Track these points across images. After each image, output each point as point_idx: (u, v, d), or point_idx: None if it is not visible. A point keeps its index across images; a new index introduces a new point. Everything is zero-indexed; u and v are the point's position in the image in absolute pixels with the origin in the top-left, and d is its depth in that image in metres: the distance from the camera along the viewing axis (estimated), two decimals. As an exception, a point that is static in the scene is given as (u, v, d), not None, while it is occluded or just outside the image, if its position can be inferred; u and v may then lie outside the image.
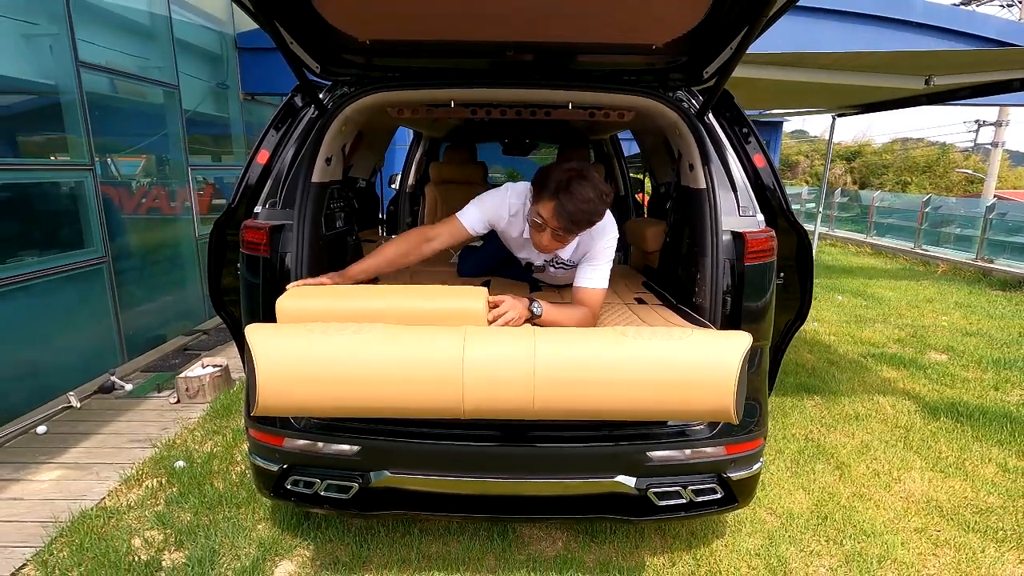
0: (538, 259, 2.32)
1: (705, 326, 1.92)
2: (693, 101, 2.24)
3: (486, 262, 2.78)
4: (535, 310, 1.84)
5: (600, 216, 1.93)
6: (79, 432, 3.18)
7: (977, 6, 18.81)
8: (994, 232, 8.83)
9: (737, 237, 1.95)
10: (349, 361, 1.37)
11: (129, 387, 3.77)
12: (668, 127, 2.32)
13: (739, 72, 2.97)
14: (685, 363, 1.38)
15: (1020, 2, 17.76)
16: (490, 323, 1.71)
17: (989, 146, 19.32)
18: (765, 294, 2.00)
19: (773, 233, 1.98)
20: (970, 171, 27.09)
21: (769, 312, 2.04)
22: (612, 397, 1.40)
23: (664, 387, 1.40)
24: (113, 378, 3.79)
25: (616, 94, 2.16)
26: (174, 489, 2.59)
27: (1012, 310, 6.34)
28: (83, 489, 2.63)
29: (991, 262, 8.44)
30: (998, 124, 18.27)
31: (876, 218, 12.18)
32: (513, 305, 1.79)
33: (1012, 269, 7.97)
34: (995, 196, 15.62)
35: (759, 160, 2.18)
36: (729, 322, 1.98)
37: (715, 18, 1.82)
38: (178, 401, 3.58)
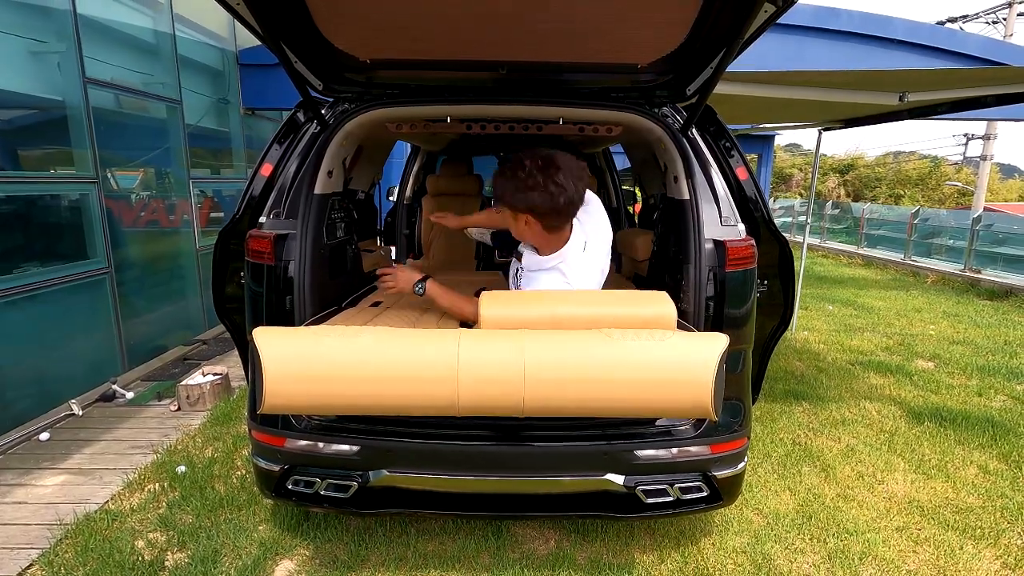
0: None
1: (688, 330, 2.01)
2: (677, 117, 2.35)
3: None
4: (416, 289, 2.15)
5: (501, 177, 1.88)
6: (81, 439, 3.23)
7: (964, 23, 19.20)
8: (981, 243, 8.99)
9: (719, 245, 2.05)
10: (351, 361, 1.45)
11: (130, 395, 3.83)
12: (654, 141, 2.43)
13: (723, 89, 3.10)
14: (666, 363, 1.47)
15: (1004, 19, 18.15)
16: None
17: (978, 159, 19.61)
18: (746, 300, 2.10)
19: (753, 242, 2.08)
20: (961, 184, 27.45)
21: (751, 317, 2.13)
22: (597, 395, 1.49)
23: (646, 385, 1.48)
24: (114, 386, 3.85)
25: (604, 110, 2.28)
26: (176, 493, 2.65)
27: (999, 319, 6.45)
28: (86, 493, 2.69)
29: (979, 272, 8.59)
30: (986, 138, 18.56)
31: (867, 230, 12.36)
32: (396, 276, 2.19)
33: (999, 279, 8.11)
34: (984, 208, 15.85)
35: (742, 173, 2.29)
36: (712, 326, 2.07)
37: (695, 40, 1.94)
38: (179, 408, 3.64)
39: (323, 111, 2.28)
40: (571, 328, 1.61)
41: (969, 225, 9.16)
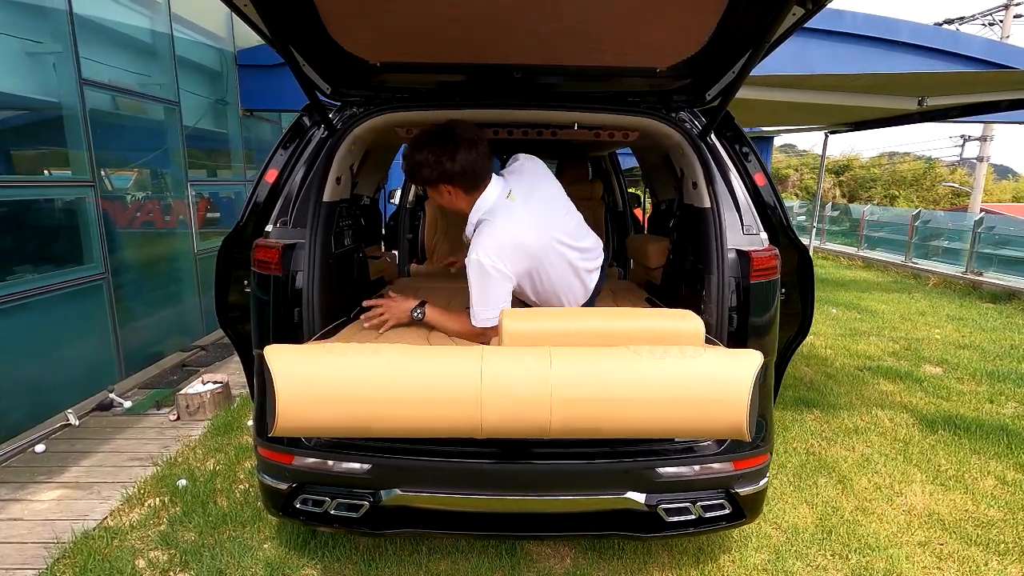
0: None
1: (712, 343, 1.95)
2: (695, 121, 2.29)
3: None
4: (415, 315, 2.11)
5: (411, 160, 2.01)
6: (78, 450, 3.15)
7: (960, 24, 19.27)
8: (982, 245, 8.98)
9: (742, 255, 1.99)
10: (368, 381, 1.38)
11: (128, 404, 3.74)
12: (671, 147, 2.37)
13: (738, 93, 3.04)
14: (699, 381, 1.41)
15: (1001, 21, 18.22)
16: (366, 326, 2.09)
17: (974, 160, 19.69)
18: (769, 311, 2.03)
19: (777, 251, 2.02)
20: (956, 184, 27.60)
21: (774, 329, 2.07)
22: (626, 415, 1.42)
23: (677, 405, 1.42)
24: (111, 395, 3.76)
25: (621, 115, 2.21)
26: (177, 508, 2.56)
27: (1003, 323, 6.43)
28: (84, 509, 2.60)
29: (980, 275, 8.57)
30: (983, 139, 18.64)
31: (867, 231, 12.34)
32: (389, 307, 2.11)
33: (1001, 282, 8.09)
34: (981, 209, 15.88)
35: (760, 179, 2.23)
36: (735, 339, 2.01)
37: (717, 44, 1.88)
38: (178, 418, 3.56)
39: (330, 115, 2.21)
40: (595, 344, 1.54)
41: (970, 227, 9.14)
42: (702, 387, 1.40)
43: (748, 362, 1.41)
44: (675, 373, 1.41)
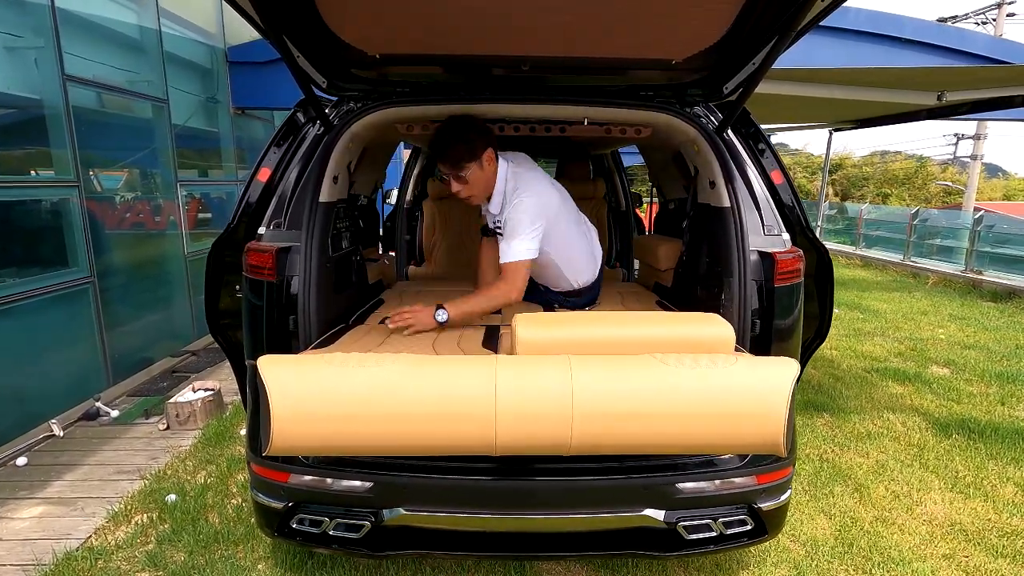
0: (489, 220, 2.48)
1: (739, 350, 1.85)
2: (711, 117, 2.19)
3: None
4: (439, 317, 2.06)
5: (455, 145, 2.11)
6: (62, 463, 3.00)
7: (953, 23, 19.33)
8: (981, 244, 8.94)
9: (765, 257, 1.89)
10: (371, 395, 1.27)
11: (115, 413, 3.60)
12: (685, 143, 2.26)
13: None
14: (731, 393, 1.30)
15: (994, 20, 18.30)
16: (391, 327, 2.08)
17: (967, 159, 19.75)
18: (793, 315, 1.94)
19: (801, 253, 1.92)
20: (948, 183, 27.74)
21: (797, 333, 1.97)
22: (652, 431, 1.32)
23: (708, 419, 1.31)
24: (98, 404, 3.62)
25: (634, 110, 2.11)
26: (166, 525, 2.43)
27: (1006, 322, 6.38)
28: (67, 527, 2.47)
29: (980, 274, 8.53)
30: (976, 137, 18.67)
31: (864, 230, 12.31)
32: (414, 312, 2.07)
33: (1001, 280, 8.05)
34: (978, 209, 15.89)
35: (777, 176, 2.13)
36: (758, 344, 1.91)
37: (738, 33, 1.77)
38: (168, 427, 3.42)
39: (326, 111, 2.09)
40: (616, 352, 1.44)
41: (969, 226, 9.11)
42: (736, 399, 1.30)
43: (784, 371, 1.31)
44: (706, 384, 1.30)
